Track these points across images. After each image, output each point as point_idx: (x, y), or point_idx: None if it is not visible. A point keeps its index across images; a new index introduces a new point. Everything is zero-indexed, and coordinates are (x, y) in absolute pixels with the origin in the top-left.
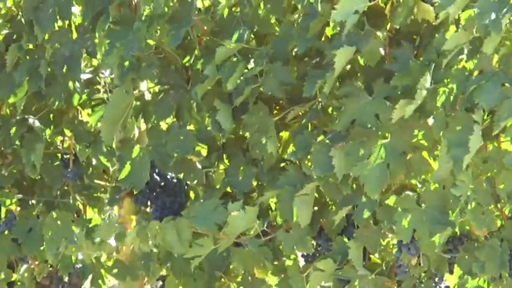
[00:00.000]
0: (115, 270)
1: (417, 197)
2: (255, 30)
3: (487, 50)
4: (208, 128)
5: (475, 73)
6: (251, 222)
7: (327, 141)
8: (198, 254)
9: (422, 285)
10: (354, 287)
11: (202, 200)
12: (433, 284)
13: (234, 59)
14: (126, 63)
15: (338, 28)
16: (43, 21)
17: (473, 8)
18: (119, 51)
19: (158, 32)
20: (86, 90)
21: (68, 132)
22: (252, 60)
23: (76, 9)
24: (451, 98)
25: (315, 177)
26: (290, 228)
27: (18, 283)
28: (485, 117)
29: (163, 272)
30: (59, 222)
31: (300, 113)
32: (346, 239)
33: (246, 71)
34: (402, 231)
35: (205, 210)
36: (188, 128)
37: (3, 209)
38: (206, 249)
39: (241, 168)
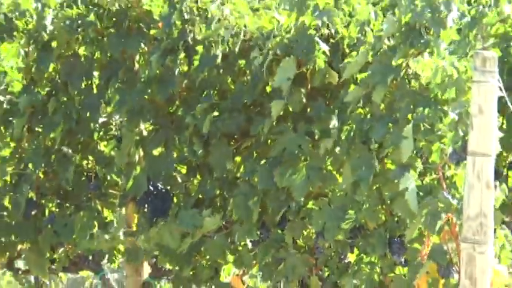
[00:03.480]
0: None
1: (328, 200)
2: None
3: (376, 100)
4: (186, 155)
5: (368, 116)
6: (216, 223)
7: (267, 164)
8: (184, 247)
9: (333, 261)
10: (287, 262)
11: (182, 204)
12: (339, 260)
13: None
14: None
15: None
16: (74, 81)
17: (367, 71)
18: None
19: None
20: (102, 129)
21: (90, 158)
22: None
23: (96, 74)
24: (352, 133)
25: (259, 188)
26: (242, 223)
27: (57, 260)
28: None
29: (156, 253)
30: (85, 219)
31: (249, 144)
32: (280, 230)
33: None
34: (318, 224)
35: (187, 216)
36: (173, 154)
37: (47, 210)
38: (187, 243)
39: (209, 181)
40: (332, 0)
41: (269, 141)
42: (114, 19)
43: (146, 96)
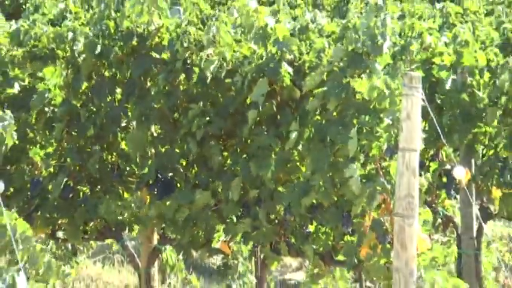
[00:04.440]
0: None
1: (294, 185)
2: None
3: (330, 109)
4: (186, 151)
5: (324, 121)
6: (206, 199)
7: (246, 158)
8: (181, 215)
9: (297, 231)
10: (261, 232)
11: (183, 188)
12: (302, 230)
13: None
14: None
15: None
16: (100, 96)
17: (323, 87)
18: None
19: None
20: (123, 132)
21: (114, 153)
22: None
23: (118, 90)
24: (311, 135)
25: (241, 176)
26: (228, 202)
27: (89, 231)
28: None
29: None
30: (110, 200)
31: (233, 143)
32: (258, 208)
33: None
34: (286, 202)
35: (184, 195)
36: (176, 150)
37: (81, 193)
38: (184, 213)
39: (203, 171)
40: (289, 32)
41: (248, 140)
42: (132, 49)
43: (156, 106)
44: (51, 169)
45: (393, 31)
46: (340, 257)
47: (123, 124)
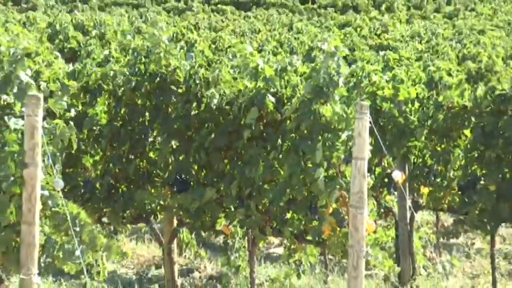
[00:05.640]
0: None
1: (276, 184)
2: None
3: (302, 129)
4: (197, 159)
5: (298, 137)
6: (212, 194)
7: (242, 164)
8: (195, 206)
9: (278, 217)
10: (252, 218)
11: (195, 186)
12: (282, 217)
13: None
14: None
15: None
16: (134, 118)
17: (298, 112)
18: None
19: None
20: (151, 145)
21: (144, 160)
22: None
23: (147, 114)
24: (289, 147)
25: (238, 177)
26: (228, 196)
27: (126, 217)
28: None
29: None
30: (142, 194)
31: (231, 153)
32: (249, 201)
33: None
34: (269, 197)
35: (196, 191)
36: (190, 159)
37: (120, 190)
38: (197, 204)
39: (209, 174)
40: (274, 72)
41: (243, 152)
42: (157, 84)
43: (175, 126)
44: (98, 172)
45: (344, 72)
46: (309, 237)
47: (151, 139)
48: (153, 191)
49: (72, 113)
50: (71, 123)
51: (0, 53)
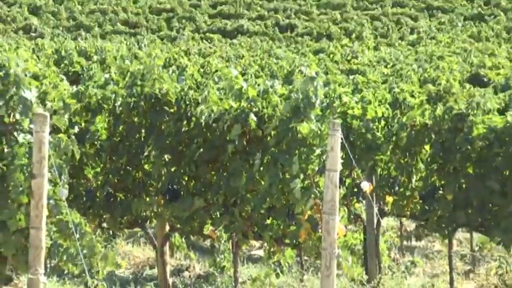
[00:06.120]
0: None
1: (257, 193)
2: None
3: (282, 143)
4: (187, 171)
5: (277, 151)
6: (201, 203)
7: (227, 175)
8: (185, 213)
9: (259, 223)
10: (236, 224)
11: (185, 195)
12: (263, 223)
13: None
14: None
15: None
16: (131, 135)
17: (277, 129)
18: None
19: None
20: (145, 158)
21: (140, 171)
22: None
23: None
24: (269, 160)
25: (223, 187)
26: (215, 204)
27: (123, 223)
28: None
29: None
30: (138, 203)
31: (218, 166)
32: (234, 208)
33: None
34: (251, 205)
35: (186, 200)
36: (181, 171)
37: (118, 198)
38: (187, 211)
39: (198, 184)
40: (256, 93)
41: (228, 164)
42: (151, 104)
43: (167, 142)
44: (99, 182)
45: (321, 94)
46: (287, 241)
47: (146, 153)
48: (147, 199)
49: (76, 129)
50: (73, 137)
51: (9, 75)
